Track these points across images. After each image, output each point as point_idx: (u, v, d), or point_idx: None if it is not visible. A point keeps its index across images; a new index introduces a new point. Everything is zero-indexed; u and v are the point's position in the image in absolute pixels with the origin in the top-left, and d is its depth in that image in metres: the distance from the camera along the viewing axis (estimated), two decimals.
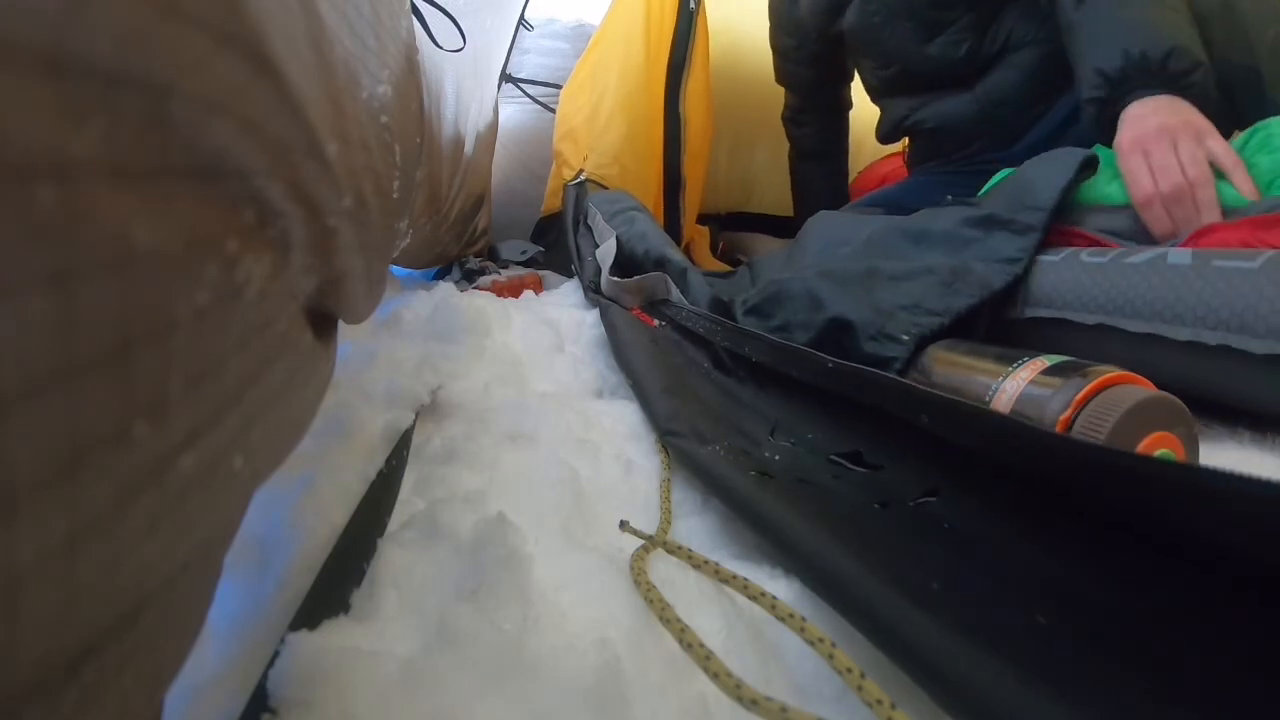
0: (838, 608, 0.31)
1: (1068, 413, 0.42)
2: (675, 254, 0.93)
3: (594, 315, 0.87)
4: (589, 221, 1.12)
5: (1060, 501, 0.33)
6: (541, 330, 0.82)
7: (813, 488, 0.44)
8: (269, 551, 0.35)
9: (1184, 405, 0.41)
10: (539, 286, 1.11)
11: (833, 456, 0.48)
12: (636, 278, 0.89)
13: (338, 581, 0.34)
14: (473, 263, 1.16)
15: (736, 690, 0.26)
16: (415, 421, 0.52)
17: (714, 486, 0.44)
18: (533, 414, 0.56)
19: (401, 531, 0.38)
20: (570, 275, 1.11)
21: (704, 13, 1.37)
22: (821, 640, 0.28)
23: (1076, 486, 0.32)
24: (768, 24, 1.43)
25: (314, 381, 0.35)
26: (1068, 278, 0.58)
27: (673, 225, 1.37)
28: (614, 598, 0.34)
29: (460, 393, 0.59)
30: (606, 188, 1.22)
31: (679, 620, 0.31)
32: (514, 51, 1.58)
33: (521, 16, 1.57)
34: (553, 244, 1.36)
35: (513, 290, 1.03)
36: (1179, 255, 0.51)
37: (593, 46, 1.36)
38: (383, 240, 0.46)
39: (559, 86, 1.44)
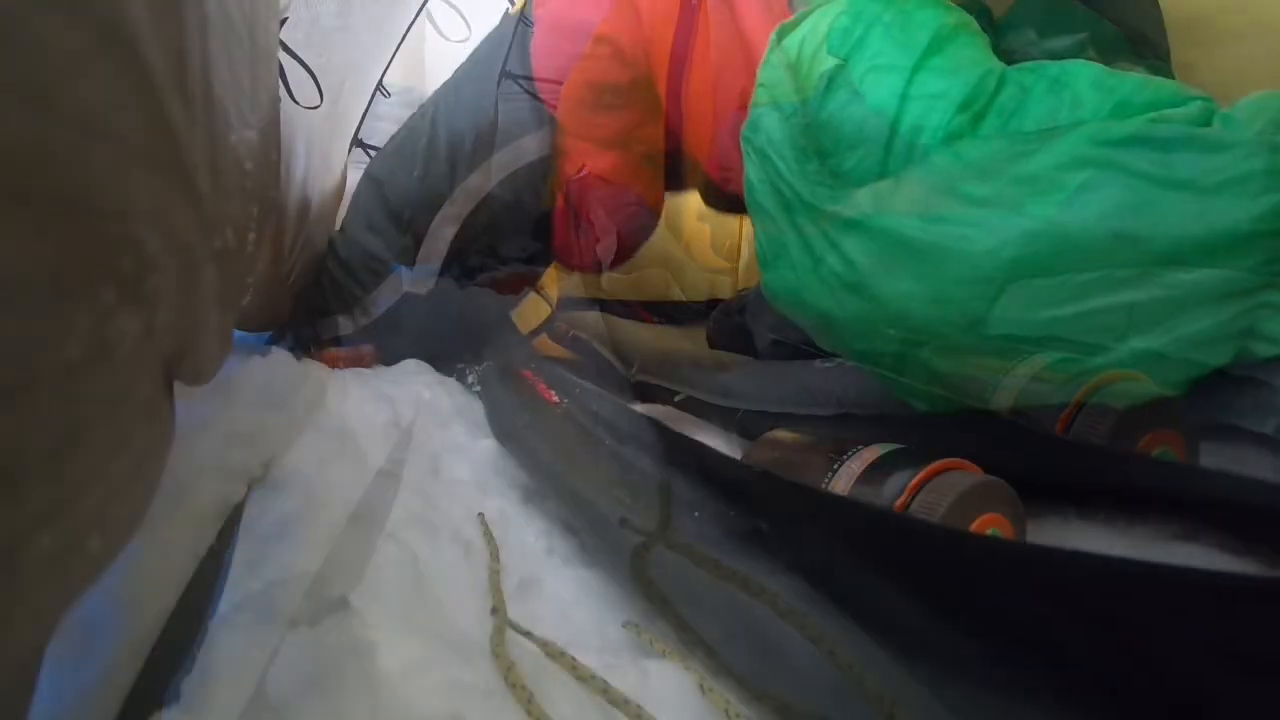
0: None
1: (903, 498, 0.46)
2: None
3: (431, 391, 0.87)
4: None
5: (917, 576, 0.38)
6: (378, 405, 0.80)
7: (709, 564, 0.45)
8: (92, 636, 0.32)
9: (1010, 486, 0.47)
10: (375, 361, 1.09)
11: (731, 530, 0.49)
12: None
13: (167, 669, 0.32)
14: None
15: None
16: (247, 495, 0.50)
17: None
18: (369, 491, 0.55)
19: (235, 614, 0.37)
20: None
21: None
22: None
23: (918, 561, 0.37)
24: None
25: (165, 452, 0.33)
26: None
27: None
28: (461, 683, 0.35)
29: (293, 466, 0.57)
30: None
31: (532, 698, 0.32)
32: (368, 118, 1.57)
33: (380, 82, 1.57)
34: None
35: (349, 362, 1.01)
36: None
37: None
38: (235, 292, 0.43)
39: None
